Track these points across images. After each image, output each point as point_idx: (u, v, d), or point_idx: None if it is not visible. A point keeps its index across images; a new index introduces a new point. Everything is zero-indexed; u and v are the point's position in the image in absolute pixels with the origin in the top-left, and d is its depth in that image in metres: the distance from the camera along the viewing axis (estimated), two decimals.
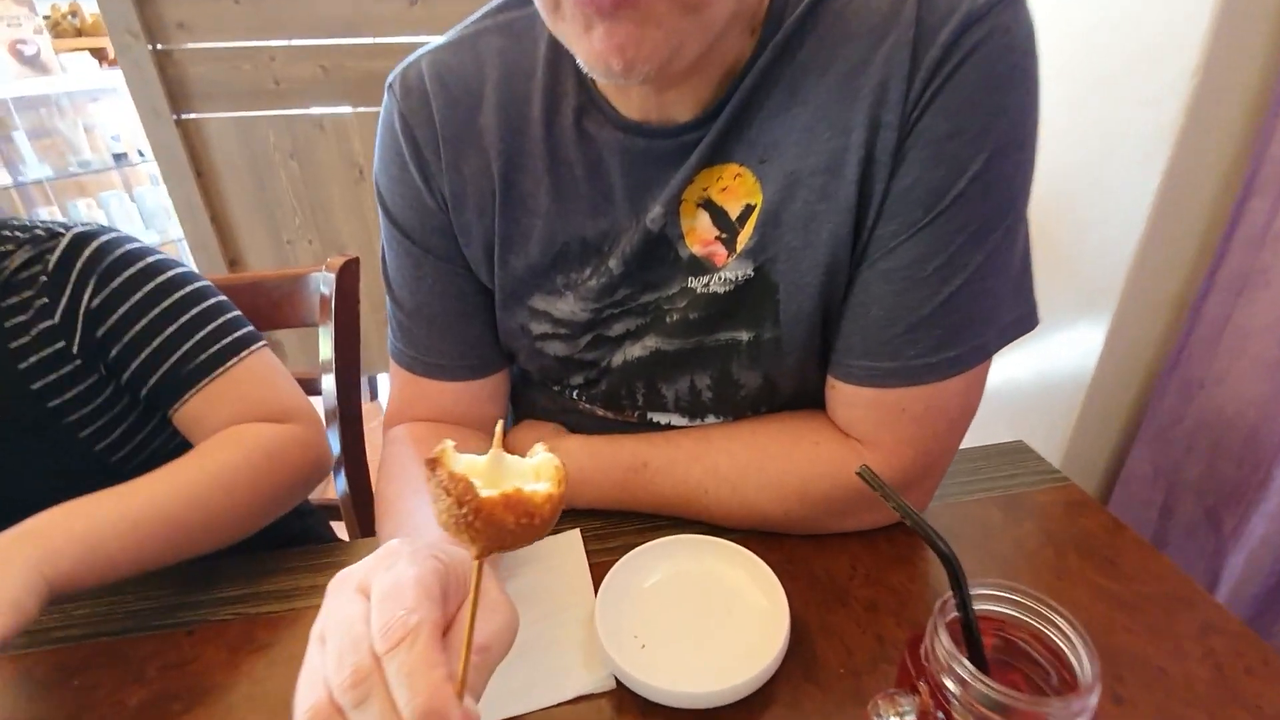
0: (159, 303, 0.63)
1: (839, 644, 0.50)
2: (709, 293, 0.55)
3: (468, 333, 0.62)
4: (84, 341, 0.62)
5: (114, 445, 0.67)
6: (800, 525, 0.59)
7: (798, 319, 0.54)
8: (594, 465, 0.61)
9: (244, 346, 0.66)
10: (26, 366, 0.60)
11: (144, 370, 0.63)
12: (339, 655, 0.30)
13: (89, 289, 0.61)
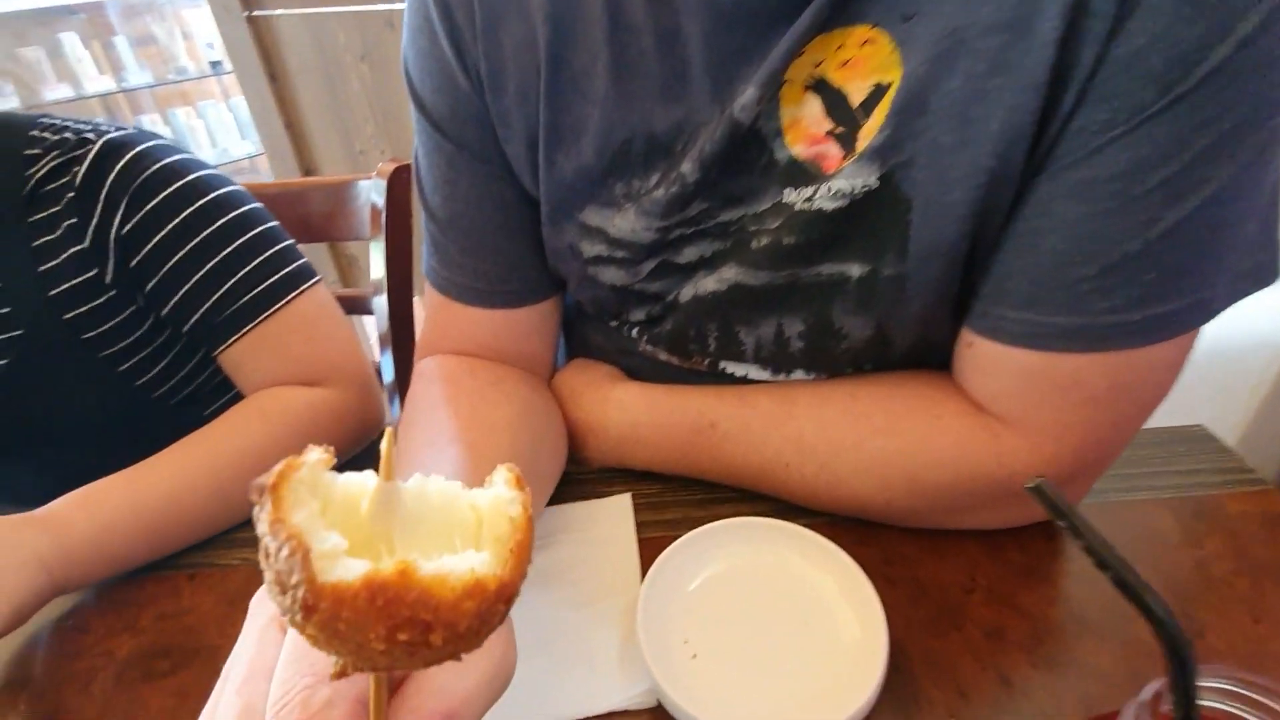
0: (199, 232, 0.57)
1: (949, 683, 0.39)
2: (812, 210, 0.41)
3: (509, 251, 0.51)
4: (117, 271, 0.56)
5: (154, 381, 0.62)
6: (904, 518, 0.46)
7: (934, 250, 0.40)
8: (652, 421, 0.51)
9: (293, 286, 0.60)
10: (57, 294, 0.55)
11: (183, 309, 0.58)
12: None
13: (120, 211, 0.55)
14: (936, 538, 0.47)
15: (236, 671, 0.24)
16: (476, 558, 0.18)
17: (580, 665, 0.40)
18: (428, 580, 0.17)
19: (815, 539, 0.43)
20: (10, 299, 0.55)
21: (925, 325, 0.44)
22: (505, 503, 0.19)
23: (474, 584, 0.17)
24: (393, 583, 0.16)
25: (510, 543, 0.18)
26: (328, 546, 0.17)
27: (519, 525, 0.19)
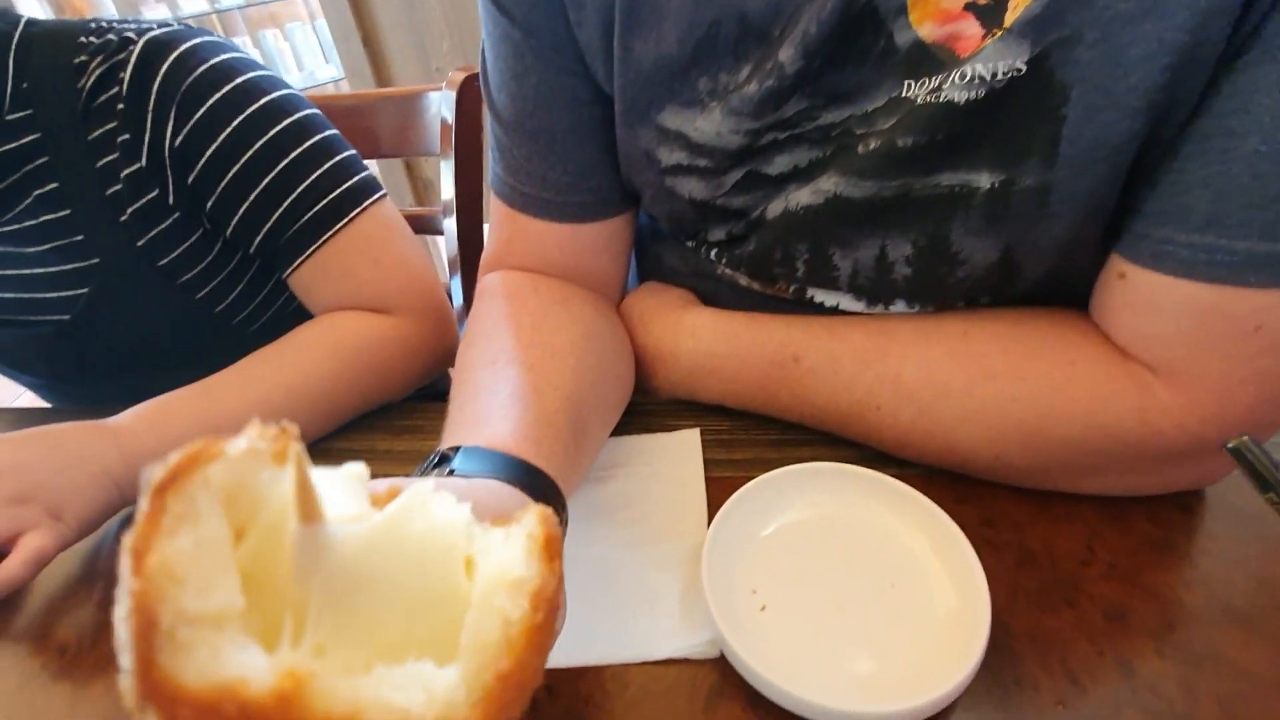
0: (254, 140, 0.52)
1: (1058, 664, 0.34)
2: (938, 103, 0.34)
3: (579, 156, 0.46)
4: (178, 189, 0.53)
5: (232, 308, 0.61)
6: (1015, 476, 0.41)
7: (1092, 154, 0.32)
8: (728, 351, 0.46)
9: (358, 200, 0.55)
10: (127, 219, 0.53)
11: (245, 230, 0.55)
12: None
13: (170, 121, 0.51)
14: (1049, 500, 0.41)
15: None
16: (436, 678, 0.11)
17: (639, 608, 0.37)
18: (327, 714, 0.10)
19: (908, 492, 0.38)
20: (84, 226, 0.53)
21: (1065, 251, 0.37)
22: (509, 587, 0.12)
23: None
24: (265, 710, 0.10)
25: (496, 667, 0.11)
26: (193, 609, 0.11)
27: (516, 640, 0.12)
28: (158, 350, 0.60)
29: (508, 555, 0.12)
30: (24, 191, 0.52)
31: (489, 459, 0.32)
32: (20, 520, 0.39)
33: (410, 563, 0.12)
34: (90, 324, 0.56)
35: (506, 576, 0.12)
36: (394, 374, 0.56)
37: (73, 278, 0.55)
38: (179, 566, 0.11)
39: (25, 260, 0.54)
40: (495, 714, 0.10)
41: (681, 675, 0.34)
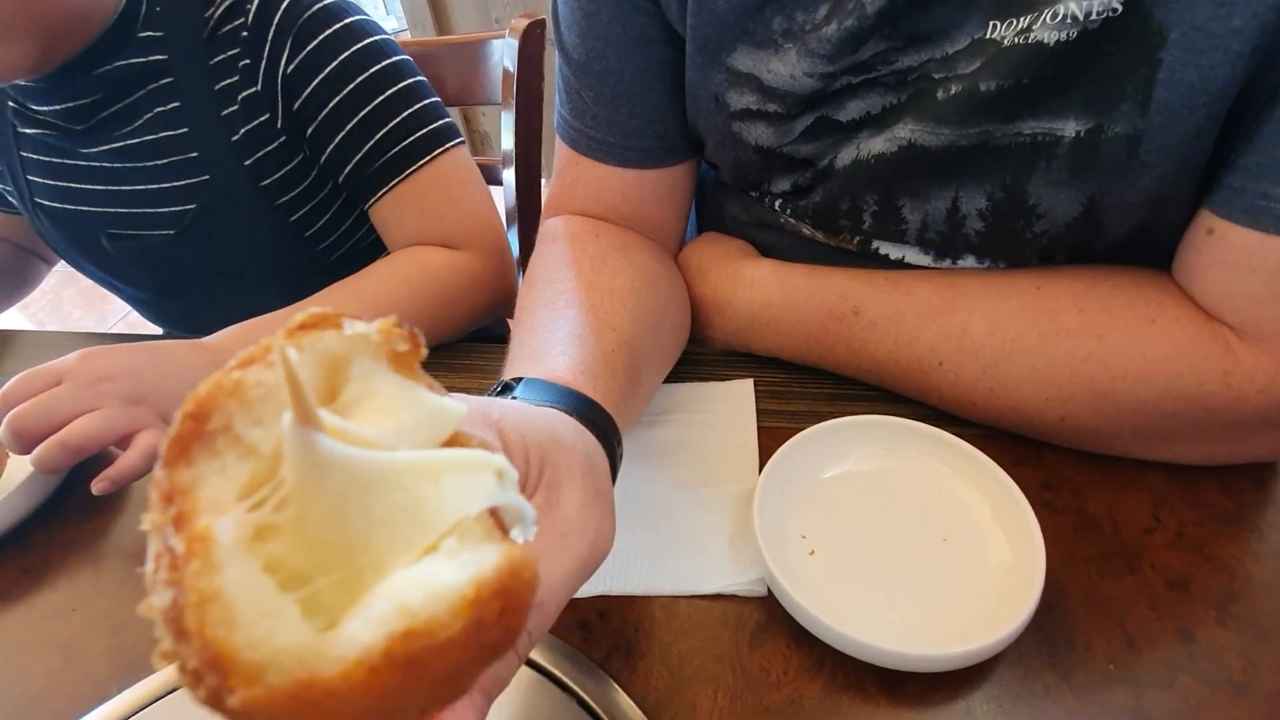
0: (354, 77, 0.57)
1: (1114, 627, 0.33)
2: (1026, 45, 0.33)
3: (646, 100, 0.46)
4: (285, 114, 0.58)
5: (320, 234, 0.65)
6: (1082, 440, 0.39)
7: (1190, 100, 0.31)
8: (787, 302, 0.46)
9: (438, 142, 0.60)
10: (238, 139, 0.57)
11: (337, 158, 0.59)
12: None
13: (286, 49, 0.56)
14: (1113, 465, 0.40)
15: None
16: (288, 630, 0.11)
17: (688, 544, 0.38)
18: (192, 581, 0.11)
19: (965, 449, 0.38)
20: (199, 144, 0.57)
21: (1153, 206, 0.35)
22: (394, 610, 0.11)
23: (216, 653, 0.10)
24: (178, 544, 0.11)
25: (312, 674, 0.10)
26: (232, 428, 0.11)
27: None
28: (250, 268, 0.64)
29: (446, 576, 0.11)
30: (147, 107, 0.56)
31: (550, 390, 0.33)
32: (138, 419, 0.42)
33: (396, 510, 0.12)
34: (195, 239, 0.60)
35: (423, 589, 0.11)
36: (461, 306, 0.59)
37: (183, 193, 0.59)
38: (252, 393, 0.12)
39: (141, 175, 0.59)
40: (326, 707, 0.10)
41: (728, 610, 0.35)
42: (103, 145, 0.58)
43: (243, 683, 0.10)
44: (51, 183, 0.61)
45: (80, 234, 0.62)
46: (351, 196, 0.64)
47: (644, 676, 0.33)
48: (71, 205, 0.61)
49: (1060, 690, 0.31)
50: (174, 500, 0.11)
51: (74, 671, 0.37)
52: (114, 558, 0.43)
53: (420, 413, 0.14)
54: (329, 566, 0.12)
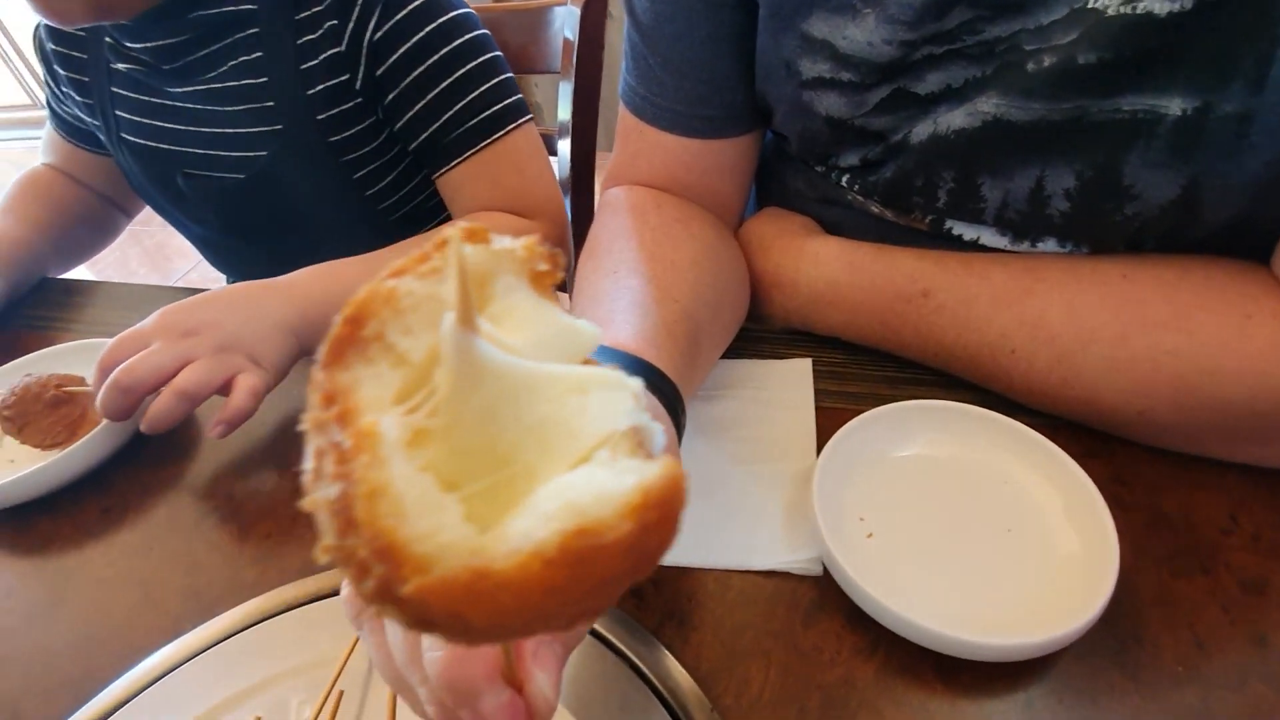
0: (438, 49, 0.59)
1: (1185, 629, 0.32)
2: (1134, 15, 0.31)
3: (715, 67, 0.45)
4: (366, 77, 0.59)
5: (382, 193, 0.67)
6: (1160, 437, 0.38)
7: None
8: (852, 281, 0.45)
9: (512, 118, 0.61)
10: (314, 93, 0.59)
11: (415, 126, 0.61)
12: None
13: (375, 15, 0.57)
14: (1190, 464, 0.38)
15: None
16: (453, 528, 0.11)
17: (743, 520, 0.38)
18: (363, 474, 0.10)
19: (1035, 438, 0.37)
20: (276, 93, 0.59)
21: (1258, 193, 0.33)
22: (564, 509, 0.11)
23: (386, 544, 0.10)
24: (345, 439, 0.11)
25: (487, 564, 0.11)
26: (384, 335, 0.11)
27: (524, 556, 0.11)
28: (310, 220, 0.65)
29: (607, 482, 0.11)
30: (231, 54, 0.58)
31: (615, 356, 0.33)
32: (232, 365, 0.44)
33: (540, 422, 0.12)
34: (264, 185, 0.62)
35: (589, 490, 0.11)
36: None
37: (257, 140, 0.61)
38: (404, 303, 0.12)
39: (219, 118, 0.61)
40: (497, 598, 0.10)
41: (782, 587, 0.35)
42: (186, 86, 0.60)
43: (415, 572, 0.10)
44: (137, 119, 0.63)
45: (158, 171, 0.65)
46: (419, 162, 0.65)
47: (696, 647, 0.33)
48: (153, 142, 0.63)
49: (1125, 689, 0.30)
50: (335, 400, 0.11)
51: (151, 607, 0.39)
52: (187, 501, 0.45)
53: (557, 331, 0.14)
54: (479, 474, 0.12)
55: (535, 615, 0.11)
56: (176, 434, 0.49)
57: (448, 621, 0.10)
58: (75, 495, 0.45)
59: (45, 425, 0.47)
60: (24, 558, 0.43)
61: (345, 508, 0.10)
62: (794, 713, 0.31)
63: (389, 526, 0.10)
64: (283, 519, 0.42)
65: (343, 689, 0.32)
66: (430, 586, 0.10)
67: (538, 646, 0.19)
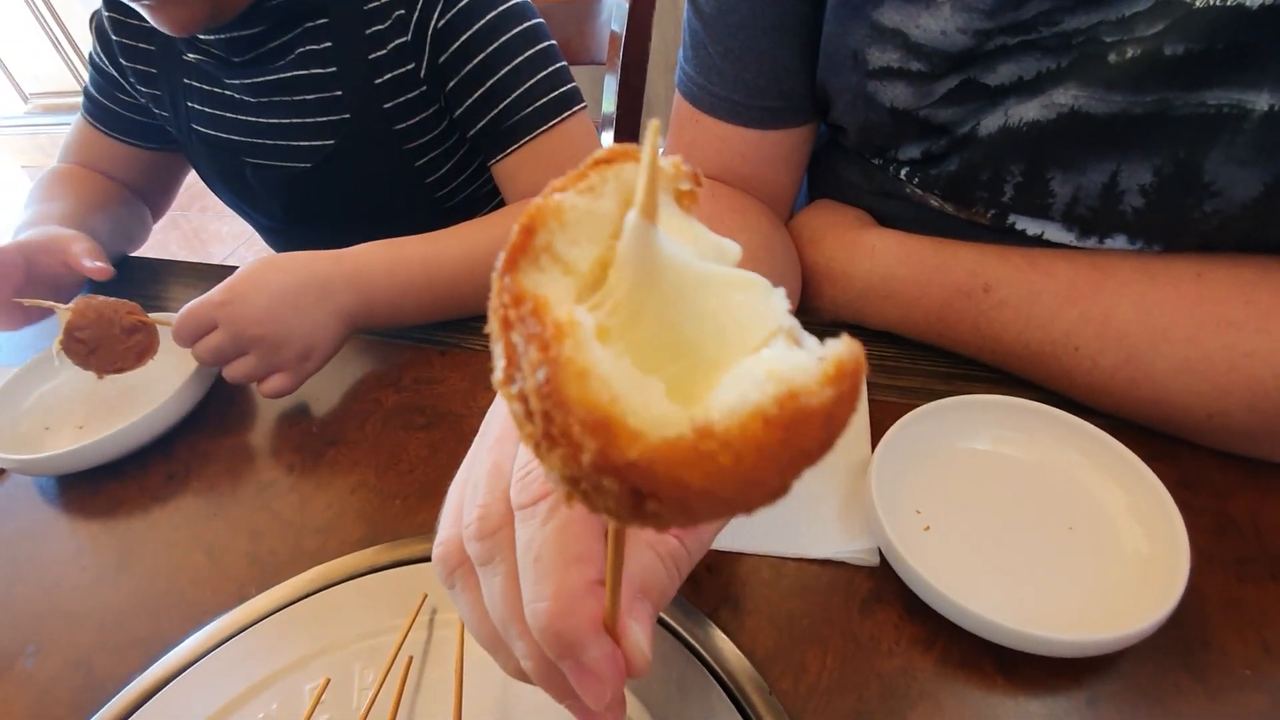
0: (499, 36, 0.59)
1: (1254, 634, 0.31)
2: (1225, 6, 0.30)
3: (776, 57, 0.45)
4: (430, 66, 0.60)
5: (440, 181, 0.68)
6: (1230, 441, 0.37)
7: None
8: (909, 275, 0.44)
9: (567, 106, 0.62)
10: (381, 82, 0.60)
11: (474, 112, 0.61)
12: (473, 491, 0.21)
13: (439, 5, 0.58)
14: (1258, 468, 0.38)
15: (491, 429, 0.24)
16: (657, 402, 0.11)
17: (798, 509, 0.38)
18: (569, 358, 0.11)
19: (1101, 437, 0.36)
20: (345, 82, 0.60)
21: None
22: (768, 379, 0.11)
23: (602, 417, 0.11)
24: (542, 329, 0.11)
25: (708, 424, 0.11)
26: (553, 245, 0.12)
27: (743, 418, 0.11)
28: (374, 205, 0.67)
29: (799, 359, 0.12)
30: (301, 44, 0.59)
31: None
32: (274, 365, 0.46)
33: (710, 316, 0.13)
34: (330, 173, 0.64)
35: (787, 365, 0.11)
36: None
37: (325, 129, 0.62)
38: (569, 216, 0.13)
39: (287, 109, 0.62)
40: (718, 459, 0.11)
41: (838, 577, 0.35)
42: (256, 77, 0.61)
43: (633, 442, 0.10)
44: (207, 110, 0.65)
45: (226, 161, 0.66)
46: (475, 149, 0.66)
47: (751, 632, 0.34)
48: (223, 133, 0.65)
49: (1192, 691, 0.30)
50: (525, 298, 0.12)
51: (217, 571, 0.40)
52: (248, 471, 0.46)
53: (706, 243, 0.15)
54: (666, 362, 0.12)
55: (746, 483, 0.11)
56: (237, 406, 0.51)
57: (669, 488, 0.11)
58: (142, 462, 0.47)
59: (120, 350, 0.48)
60: (94, 520, 0.44)
61: (555, 389, 0.11)
62: (853, 700, 0.31)
63: (603, 400, 0.11)
64: (341, 491, 0.43)
65: (410, 655, 0.33)
66: (657, 447, 0.10)
67: (631, 603, 0.19)
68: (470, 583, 0.22)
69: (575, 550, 0.18)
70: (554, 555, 0.18)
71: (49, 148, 3.10)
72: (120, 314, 0.48)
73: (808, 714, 0.31)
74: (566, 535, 0.18)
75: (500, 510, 0.20)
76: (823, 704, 0.31)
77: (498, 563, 0.20)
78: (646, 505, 0.11)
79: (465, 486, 0.22)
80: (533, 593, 0.18)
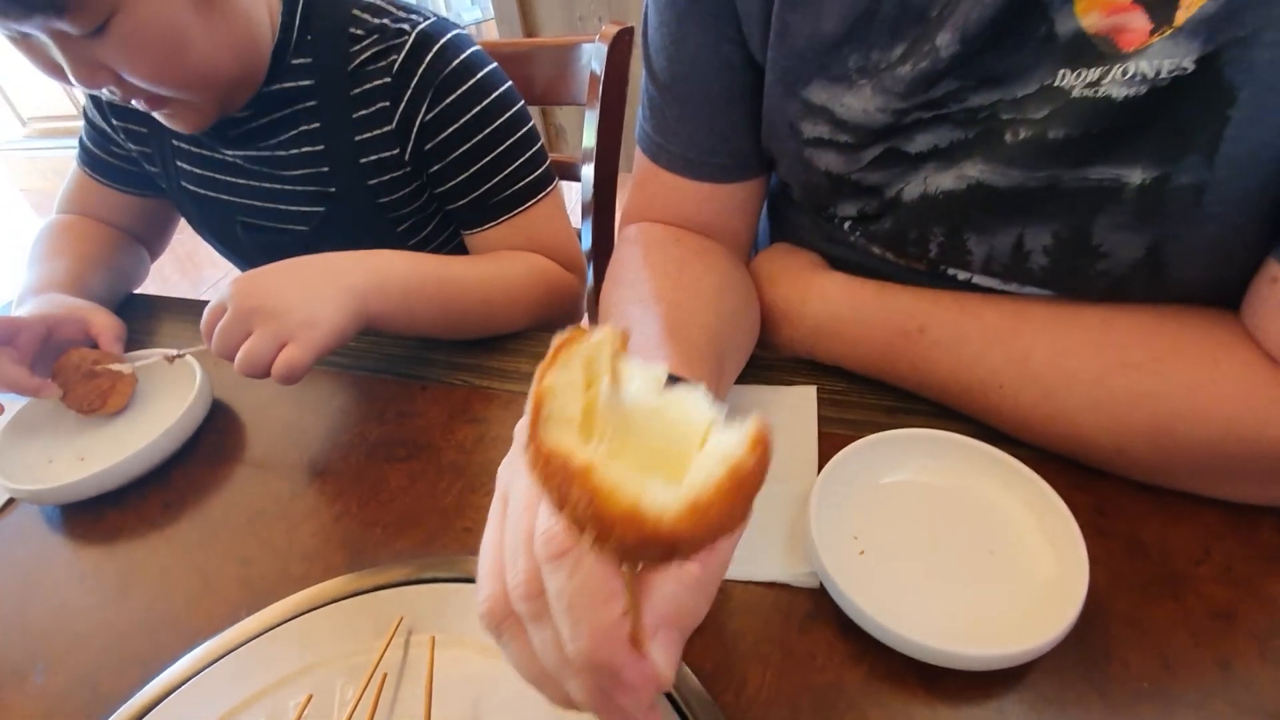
0: (484, 127, 0.63)
1: (1153, 650, 0.35)
2: (1096, 97, 0.34)
3: (725, 120, 0.49)
4: (414, 151, 0.64)
5: (421, 243, 0.72)
6: (1137, 471, 0.41)
7: (1256, 156, 0.32)
8: (854, 316, 0.48)
9: (541, 189, 0.67)
10: (367, 162, 0.64)
11: (456, 192, 0.66)
12: (513, 550, 0.25)
13: (427, 100, 0.61)
14: (1168, 497, 0.41)
15: (516, 499, 0.27)
16: (660, 492, 0.17)
17: (747, 535, 0.41)
18: (597, 484, 0.17)
19: (1019, 469, 0.40)
20: (332, 160, 0.64)
21: (1218, 253, 0.36)
22: (727, 450, 0.18)
23: (632, 514, 0.17)
24: (572, 472, 0.17)
25: (697, 493, 0.17)
26: (555, 412, 0.19)
27: (718, 484, 0.17)
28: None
29: (731, 439, 0.19)
30: (292, 124, 0.63)
31: None
32: (282, 334, 0.47)
33: (668, 428, 0.20)
34: (320, 237, 0.68)
35: (725, 446, 0.18)
36: (553, 294, 0.67)
37: (314, 199, 0.66)
38: (557, 390, 0.19)
39: (277, 179, 0.66)
40: (692, 526, 0.17)
41: (780, 598, 0.39)
42: (247, 150, 0.65)
43: (657, 520, 0.17)
44: (198, 171, 0.68)
45: (216, 219, 0.70)
46: (453, 217, 0.70)
47: (699, 650, 0.37)
48: (212, 193, 0.69)
49: (1091, 700, 0.33)
50: (554, 456, 0.18)
51: (210, 594, 0.43)
52: (240, 499, 0.49)
53: (646, 373, 0.21)
54: (653, 467, 0.19)
55: (727, 521, 0.17)
56: (231, 437, 0.54)
57: (686, 543, 0.17)
58: (140, 491, 0.50)
59: (84, 393, 0.54)
60: (96, 546, 0.47)
61: (596, 505, 0.17)
62: (787, 712, 0.34)
63: (630, 502, 0.17)
64: (325, 520, 0.46)
65: (385, 672, 0.36)
66: (675, 520, 0.17)
67: (655, 630, 0.23)
68: (518, 633, 0.25)
69: (602, 593, 0.22)
70: (584, 601, 0.22)
71: (47, 172, 3.15)
72: (86, 361, 0.54)
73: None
74: (592, 582, 0.22)
75: (536, 572, 0.24)
76: (760, 715, 0.34)
77: (546, 620, 0.24)
78: (674, 557, 0.18)
79: (503, 550, 0.26)
80: (570, 634, 0.22)
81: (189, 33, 0.51)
